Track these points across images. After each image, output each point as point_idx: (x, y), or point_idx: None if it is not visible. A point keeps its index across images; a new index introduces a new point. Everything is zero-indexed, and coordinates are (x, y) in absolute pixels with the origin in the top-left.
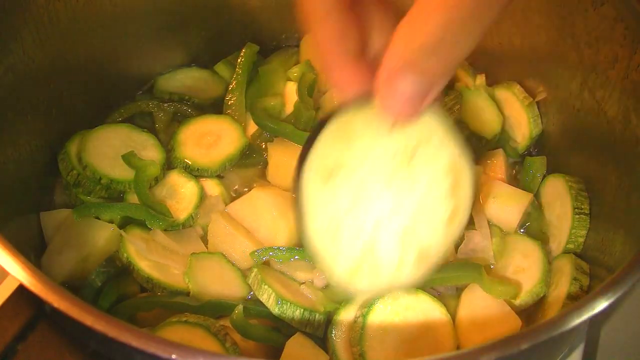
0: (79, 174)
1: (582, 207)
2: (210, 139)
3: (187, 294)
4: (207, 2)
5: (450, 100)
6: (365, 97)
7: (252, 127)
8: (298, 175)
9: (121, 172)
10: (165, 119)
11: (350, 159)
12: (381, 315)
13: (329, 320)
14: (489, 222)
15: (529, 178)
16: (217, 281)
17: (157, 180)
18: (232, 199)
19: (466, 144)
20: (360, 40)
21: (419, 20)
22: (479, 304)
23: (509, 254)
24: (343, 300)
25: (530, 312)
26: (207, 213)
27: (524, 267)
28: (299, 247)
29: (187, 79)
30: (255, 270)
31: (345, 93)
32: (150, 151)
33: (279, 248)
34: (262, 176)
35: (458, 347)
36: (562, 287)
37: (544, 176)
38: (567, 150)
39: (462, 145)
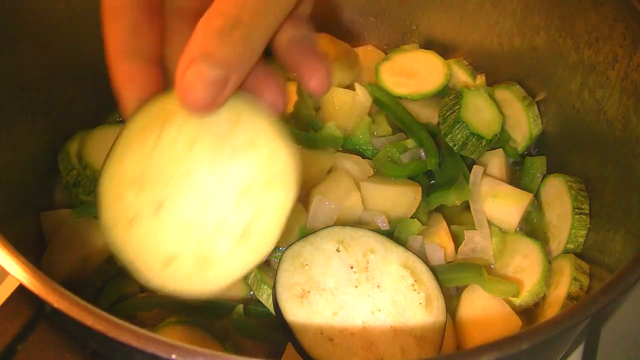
0: (79, 174)
1: (582, 207)
2: None
3: None
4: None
5: (450, 100)
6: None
7: None
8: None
9: None
10: None
11: (316, 284)
12: None
13: None
14: (489, 222)
15: (529, 178)
16: None
17: None
18: None
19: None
20: (155, 46)
21: (216, 3)
22: (479, 304)
23: (509, 254)
24: None
25: (530, 312)
26: None
27: (524, 267)
28: None
29: None
30: (255, 270)
31: (128, 93)
32: None
33: (278, 248)
34: None
35: (458, 347)
36: (562, 287)
37: (544, 176)
38: (567, 150)
39: (404, 248)
